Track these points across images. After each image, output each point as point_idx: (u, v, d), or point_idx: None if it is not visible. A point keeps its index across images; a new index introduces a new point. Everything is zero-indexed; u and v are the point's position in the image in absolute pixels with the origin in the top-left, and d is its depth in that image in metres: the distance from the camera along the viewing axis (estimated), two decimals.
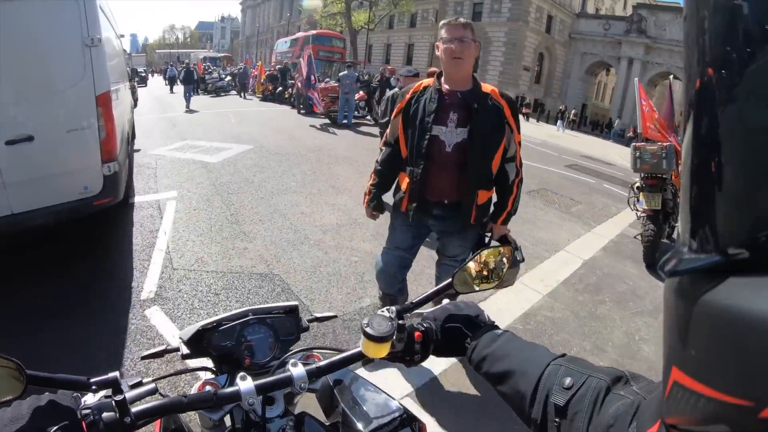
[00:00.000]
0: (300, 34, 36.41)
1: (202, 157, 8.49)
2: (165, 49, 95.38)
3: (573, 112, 34.00)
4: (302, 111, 16.85)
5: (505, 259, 1.03)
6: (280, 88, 21.43)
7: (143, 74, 33.97)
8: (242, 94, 24.25)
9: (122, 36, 9.84)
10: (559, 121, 30.08)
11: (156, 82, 36.61)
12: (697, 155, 0.36)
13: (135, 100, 18.92)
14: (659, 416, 0.45)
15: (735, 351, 0.31)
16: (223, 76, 27.61)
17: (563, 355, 0.77)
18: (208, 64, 34.68)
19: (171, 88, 25.50)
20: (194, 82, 20.77)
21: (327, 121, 14.92)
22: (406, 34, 46.74)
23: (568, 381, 0.69)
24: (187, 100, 17.90)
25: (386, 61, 42.12)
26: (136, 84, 21.53)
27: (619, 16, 40.47)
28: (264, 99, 22.59)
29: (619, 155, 18.57)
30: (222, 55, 57.66)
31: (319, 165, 8.68)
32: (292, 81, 19.89)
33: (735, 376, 0.31)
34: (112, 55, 4.70)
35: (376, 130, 13.04)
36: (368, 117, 15.76)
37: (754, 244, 0.32)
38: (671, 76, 32.61)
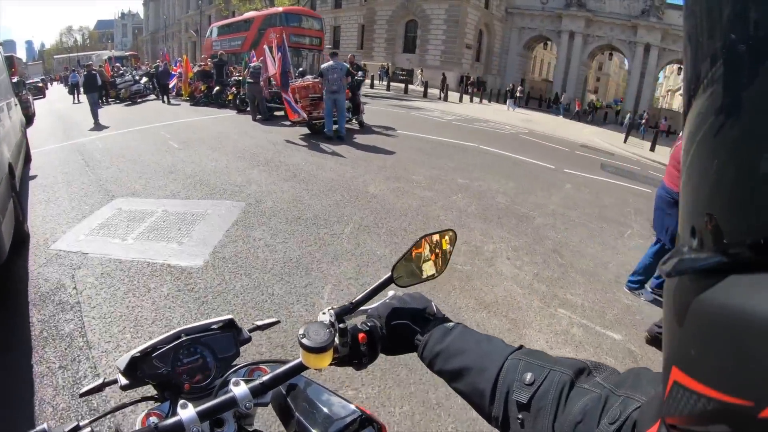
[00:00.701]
0: (253, 13, 29.04)
1: (166, 256, 4.50)
2: (63, 53, 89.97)
3: (519, 89, 34.01)
4: (258, 117, 14.01)
5: (447, 244, 1.02)
6: (218, 88, 17.88)
7: (39, 84, 31.35)
8: (164, 98, 20.34)
9: (2, 44, 8.57)
10: (509, 100, 30.01)
11: (57, 91, 33.82)
12: (697, 154, 0.36)
13: (30, 116, 17.09)
14: (659, 416, 0.46)
15: (735, 351, 0.32)
16: (137, 77, 23.54)
17: (520, 347, 0.76)
18: (117, 64, 30.06)
19: (75, 98, 22.96)
20: (99, 89, 17.75)
21: (305, 130, 11.82)
22: (331, 15, 44.21)
23: (529, 376, 0.68)
24: (94, 113, 14.94)
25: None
26: (30, 97, 19.38)
27: None
28: (195, 103, 18.83)
29: (601, 138, 18.86)
30: (128, 53, 52.86)
31: (396, 234, 5.50)
32: (236, 77, 17.30)
33: (735, 376, 0.32)
34: None
35: (382, 141, 11.38)
36: (354, 120, 12.86)
37: (755, 244, 0.32)
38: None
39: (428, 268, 1.02)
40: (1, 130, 5.47)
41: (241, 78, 16.54)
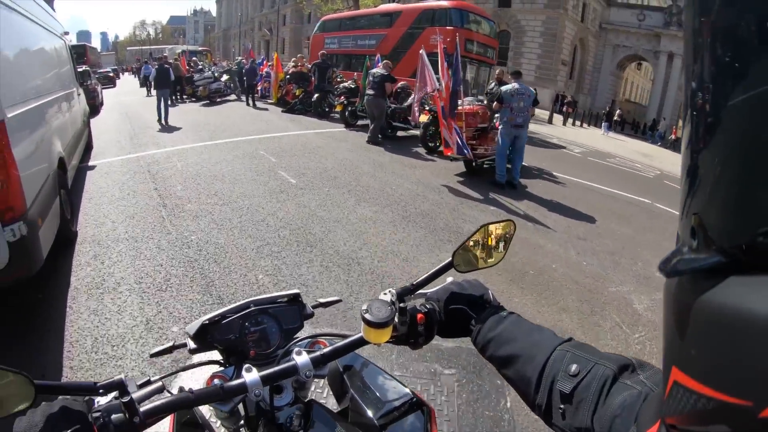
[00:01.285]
0: (400, 6, 22.87)
1: None
2: (136, 45, 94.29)
3: (618, 112, 31.66)
4: (379, 138, 11.42)
5: (507, 234, 1.08)
6: (317, 95, 14.97)
7: (110, 74, 32.28)
8: (249, 100, 18.07)
9: (66, 33, 8.69)
10: (604, 124, 28.31)
11: (128, 82, 34.99)
12: (697, 155, 0.38)
13: (96, 106, 16.92)
14: (659, 416, 0.47)
15: (735, 351, 0.33)
16: (217, 74, 21.40)
17: (569, 340, 0.80)
18: (194, 59, 28.26)
19: (148, 91, 21.99)
20: (174, 85, 16.55)
21: (455, 166, 9.45)
22: None
23: (574, 368, 0.72)
24: (163, 111, 13.43)
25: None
26: (99, 87, 19.33)
27: (654, 6, 38.22)
28: (289, 109, 16.11)
29: None
30: (202, 48, 52.30)
31: None
32: (346, 85, 14.28)
33: (735, 376, 0.33)
34: (29, 62, 4.47)
35: (555, 192, 8.95)
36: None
37: (754, 244, 0.33)
38: None
39: (486, 257, 1.08)
40: (56, 121, 5.25)
41: (352, 86, 14.06)
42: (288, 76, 17.32)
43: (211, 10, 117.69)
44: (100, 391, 0.86)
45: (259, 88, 18.81)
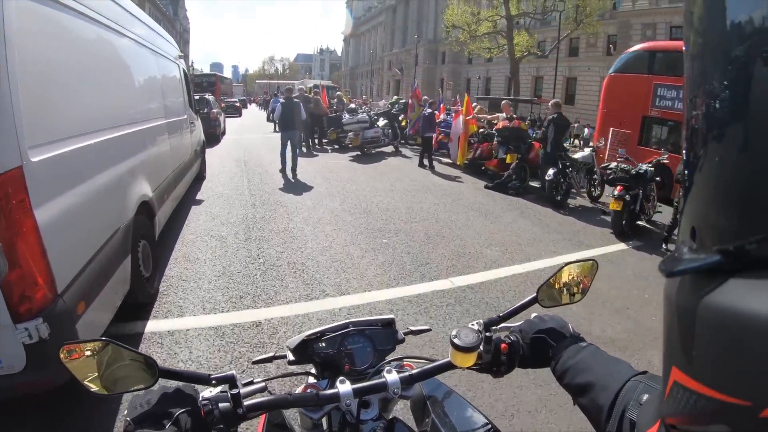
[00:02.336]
0: None
1: None
2: (264, 79, 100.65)
3: None
4: None
5: (589, 273, 1.16)
6: (553, 170, 9.18)
7: (237, 104, 34.19)
8: (425, 162, 13.06)
9: (182, 56, 8.35)
10: None
11: (253, 114, 36.55)
12: (698, 157, 0.39)
13: (217, 135, 17.36)
14: (659, 416, 0.48)
15: (735, 351, 0.33)
16: (374, 116, 16.63)
17: (644, 372, 0.81)
18: (339, 93, 23.95)
19: (275, 127, 19.79)
20: (306, 126, 13.80)
21: None
22: (565, 64, 37.43)
23: (645, 397, 0.72)
24: (289, 160, 10.63)
25: (536, 97, 35.09)
26: (222, 117, 19.55)
27: None
28: (499, 185, 10.37)
29: None
30: (332, 84, 50.34)
31: None
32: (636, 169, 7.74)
33: (735, 376, 0.33)
34: (94, 85, 3.55)
35: None
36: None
37: (753, 245, 0.34)
38: None
39: (569, 294, 1.16)
40: (144, 156, 4.53)
41: (664, 160, 8.45)
42: (482, 131, 12.58)
43: (336, 49, 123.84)
44: (213, 382, 0.97)
45: (436, 141, 13.76)
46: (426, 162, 12.95)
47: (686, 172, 0.42)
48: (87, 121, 3.19)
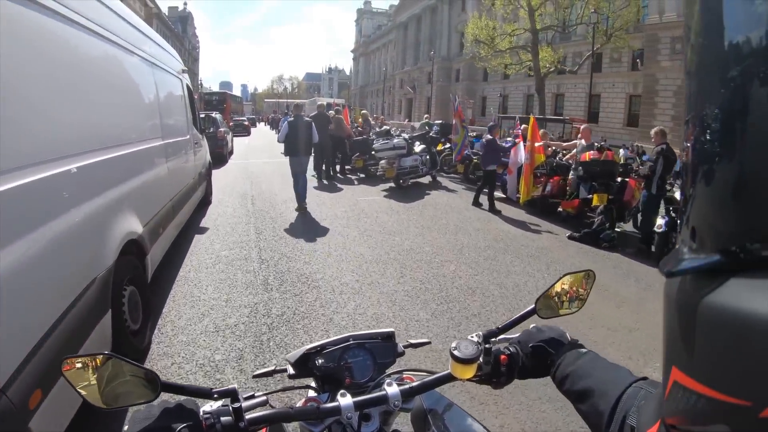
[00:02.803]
0: None
1: None
2: (273, 98, 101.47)
3: None
4: None
5: (587, 283, 1.19)
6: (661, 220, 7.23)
7: (245, 123, 34.33)
8: (481, 199, 10.60)
9: (185, 71, 7.69)
10: None
11: (262, 135, 35.55)
12: (699, 158, 0.40)
13: (224, 155, 16.82)
14: (659, 416, 0.48)
15: (735, 351, 0.34)
16: (411, 140, 13.39)
17: (644, 378, 0.82)
18: (365, 112, 21.40)
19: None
20: (324, 150, 12.48)
21: None
22: (587, 80, 34.66)
23: None
24: (299, 194, 9.08)
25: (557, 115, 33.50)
26: (229, 135, 19.20)
27: None
28: (587, 236, 8.05)
29: None
30: (343, 103, 50.26)
31: None
32: None
33: (735, 376, 0.34)
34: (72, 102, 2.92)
35: None
36: None
37: (754, 245, 0.35)
38: None
39: (567, 304, 1.18)
40: (137, 182, 3.96)
41: None
42: (552, 162, 10.32)
43: (345, 68, 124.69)
44: (215, 396, 0.98)
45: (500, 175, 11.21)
46: (483, 200, 10.43)
47: (687, 172, 0.42)
48: (54, 144, 2.54)
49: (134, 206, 3.65)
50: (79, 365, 0.88)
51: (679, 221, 0.51)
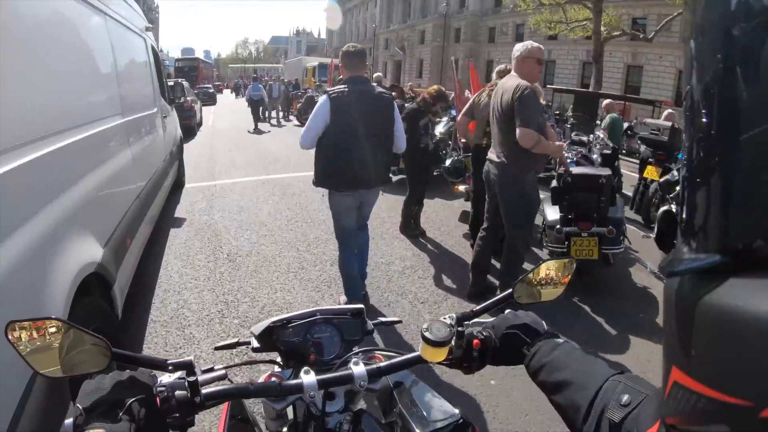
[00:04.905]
0: None
1: None
2: (238, 63, 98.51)
3: None
4: None
5: (567, 271, 1.18)
6: None
7: (210, 90, 33.43)
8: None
9: (150, 28, 6.58)
10: None
11: (229, 101, 34.75)
12: (698, 157, 0.41)
13: (192, 127, 16.05)
14: (659, 416, 0.50)
15: (735, 351, 0.35)
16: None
17: (622, 372, 0.85)
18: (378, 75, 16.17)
19: (255, 123, 18.32)
20: (410, 168, 6.51)
21: None
22: (627, 49, 31.61)
23: (625, 398, 0.75)
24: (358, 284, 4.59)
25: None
26: (197, 105, 18.52)
27: None
28: None
29: None
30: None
31: None
32: None
33: (735, 376, 0.35)
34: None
35: None
36: None
37: (753, 245, 0.36)
38: None
39: (545, 291, 1.18)
40: (90, 184, 2.83)
41: None
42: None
43: (313, 30, 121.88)
44: (170, 368, 0.96)
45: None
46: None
47: (687, 171, 0.43)
48: None
49: (88, 220, 2.61)
50: (26, 331, 0.85)
51: (678, 219, 0.43)
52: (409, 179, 6.27)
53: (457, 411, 1.24)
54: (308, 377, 1.04)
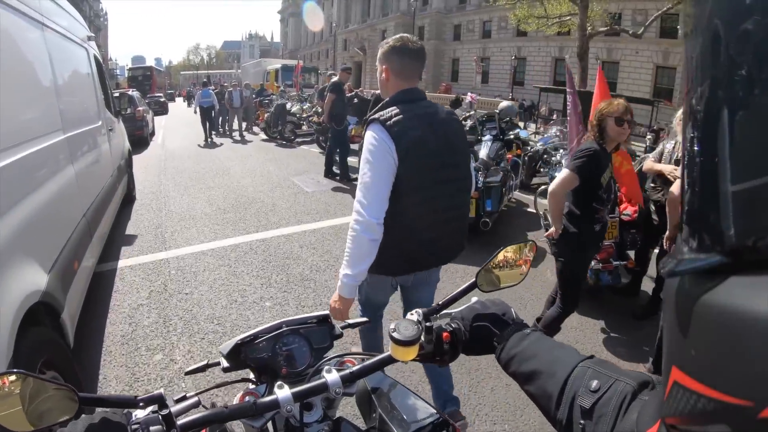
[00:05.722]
0: None
1: None
2: (190, 70, 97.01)
3: None
4: None
5: (528, 254, 1.21)
6: None
7: (162, 99, 32.78)
8: None
9: (91, 38, 6.25)
10: None
11: (181, 111, 33.41)
12: (697, 156, 0.41)
13: (145, 137, 15.75)
14: (659, 416, 0.51)
15: (735, 351, 0.35)
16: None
17: (591, 357, 0.87)
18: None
19: (208, 135, 16.63)
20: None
21: None
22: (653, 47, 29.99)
23: (594, 384, 0.77)
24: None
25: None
26: (149, 115, 17.99)
27: None
28: None
29: None
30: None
31: None
32: None
33: (735, 376, 0.35)
34: None
35: None
36: None
37: (754, 244, 0.35)
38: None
39: (508, 277, 1.20)
40: (33, 202, 2.73)
41: None
42: None
43: (266, 34, 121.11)
44: (140, 404, 0.94)
45: None
46: None
47: (686, 170, 0.43)
48: None
49: (30, 245, 2.53)
50: None
51: (681, 220, 0.43)
52: None
53: (434, 410, 1.28)
54: (282, 392, 1.03)
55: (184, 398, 1.03)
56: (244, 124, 18.26)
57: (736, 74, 0.36)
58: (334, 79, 10.23)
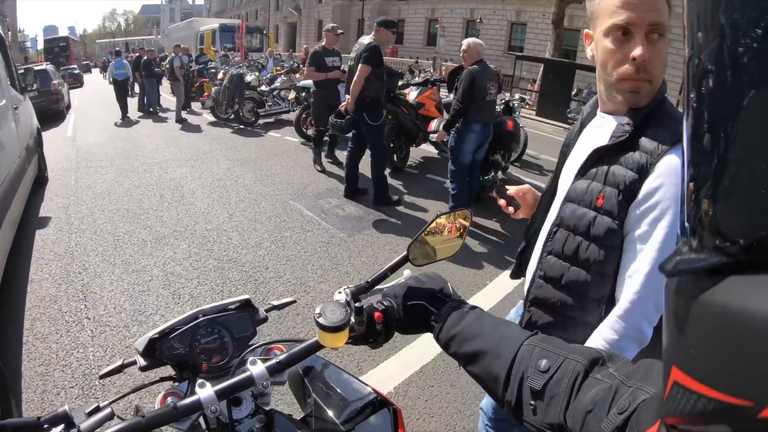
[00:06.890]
0: None
1: None
2: (106, 38, 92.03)
3: None
4: None
5: (463, 223, 1.19)
6: None
7: (76, 71, 31.24)
8: None
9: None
10: None
11: (98, 84, 30.17)
12: (698, 153, 0.40)
13: (61, 111, 15.02)
14: (659, 416, 0.51)
15: (735, 351, 0.35)
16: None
17: (536, 333, 0.88)
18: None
19: (123, 112, 14.20)
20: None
21: None
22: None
23: (544, 363, 0.78)
24: None
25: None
26: (64, 88, 17.20)
27: None
28: None
29: None
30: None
31: None
32: None
33: (735, 375, 0.35)
34: None
35: None
36: None
37: (755, 244, 0.35)
38: None
39: (443, 248, 1.17)
40: None
41: None
42: None
43: None
44: (45, 426, 0.90)
45: None
46: None
47: (687, 168, 0.42)
48: None
49: None
50: None
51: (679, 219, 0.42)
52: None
53: (371, 390, 1.25)
54: (204, 391, 0.96)
55: (97, 409, 0.97)
56: (181, 101, 14.34)
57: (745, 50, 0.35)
58: (365, 39, 6.42)
